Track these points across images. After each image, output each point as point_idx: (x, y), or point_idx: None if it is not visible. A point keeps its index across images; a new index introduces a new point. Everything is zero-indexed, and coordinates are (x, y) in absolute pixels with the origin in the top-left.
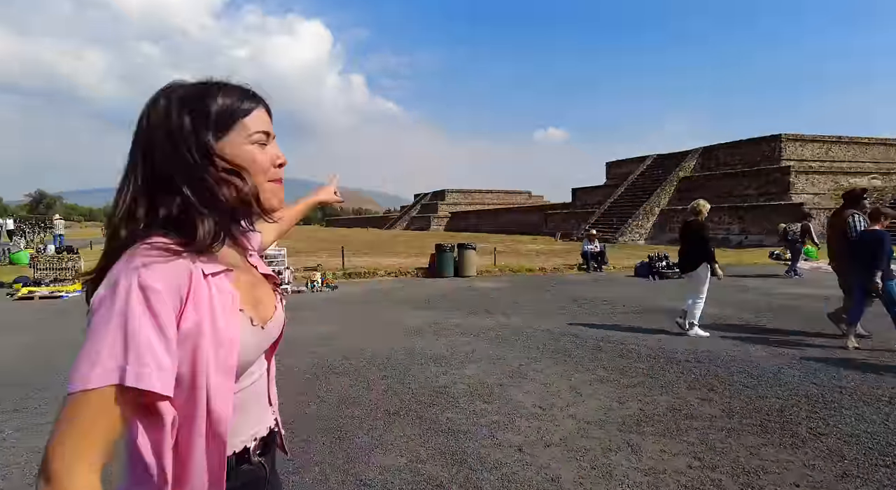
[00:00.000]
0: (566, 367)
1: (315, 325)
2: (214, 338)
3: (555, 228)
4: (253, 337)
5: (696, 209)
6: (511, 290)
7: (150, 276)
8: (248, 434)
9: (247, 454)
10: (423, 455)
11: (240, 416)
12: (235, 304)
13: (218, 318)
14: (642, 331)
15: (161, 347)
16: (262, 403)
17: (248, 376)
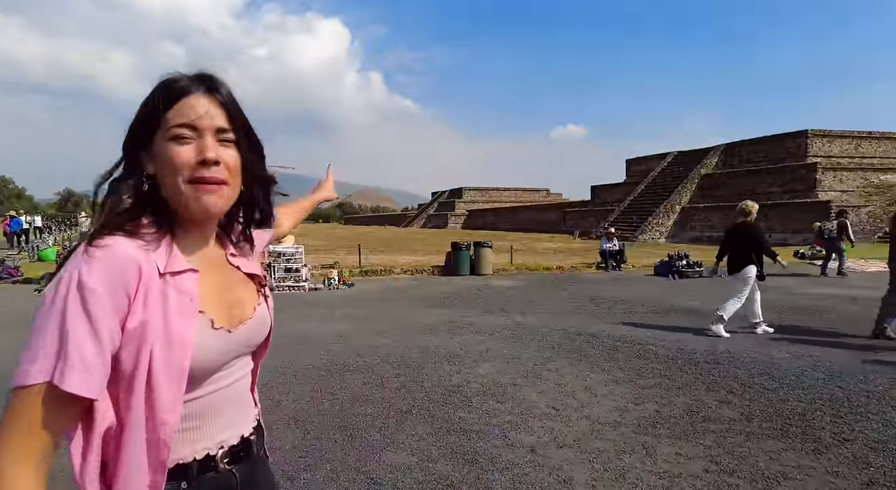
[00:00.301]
0: (582, 367)
1: (330, 322)
2: (165, 339)
3: (573, 227)
4: (214, 340)
5: (746, 210)
6: (527, 288)
7: (91, 275)
8: (213, 440)
9: (212, 462)
10: (434, 454)
11: (204, 421)
12: (194, 305)
13: (171, 318)
14: (661, 331)
15: (91, 349)
16: (235, 409)
17: (217, 380)
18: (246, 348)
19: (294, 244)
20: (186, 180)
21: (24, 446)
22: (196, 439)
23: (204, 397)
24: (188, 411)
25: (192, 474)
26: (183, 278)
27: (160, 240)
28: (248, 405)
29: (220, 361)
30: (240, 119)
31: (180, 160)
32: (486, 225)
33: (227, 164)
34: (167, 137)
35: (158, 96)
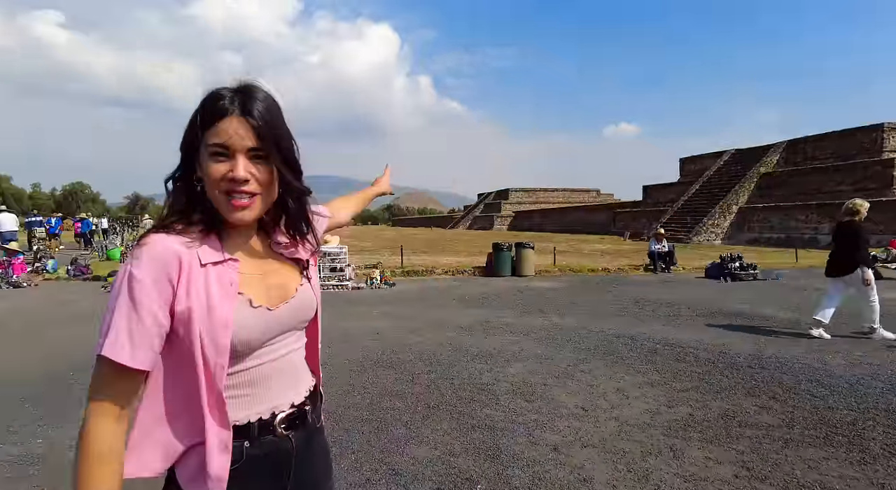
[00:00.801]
0: (616, 369)
1: (369, 320)
2: (208, 320)
3: (624, 228)
4: (254, 318)
5: (853, 209)
6: (569, 290)
7: (138, 268)
8: (265, 406)
9: (270, 426)
10: (456, 449)
11: (256, 390)
12: (233, 289)
13: (213, 301)
14: (704, 334)
15: (134, 328)
16: (287, 379)
17: (267, 353)
18: (294, 324)
19: (339, 245)
20: (221, 192)
21: (104, 402)
22: (250, 405)
23: (254, 368)
24: (241, 380)
25: (252, 434)
26: (224, 267)
27: (207, 235)
28: (301, 376)
29: (264, 337)
30: (270, 137)
31: (215, 175)
32: (533, 226)
33: (258, 179)
34: (206, 153)
35: (199, 115)
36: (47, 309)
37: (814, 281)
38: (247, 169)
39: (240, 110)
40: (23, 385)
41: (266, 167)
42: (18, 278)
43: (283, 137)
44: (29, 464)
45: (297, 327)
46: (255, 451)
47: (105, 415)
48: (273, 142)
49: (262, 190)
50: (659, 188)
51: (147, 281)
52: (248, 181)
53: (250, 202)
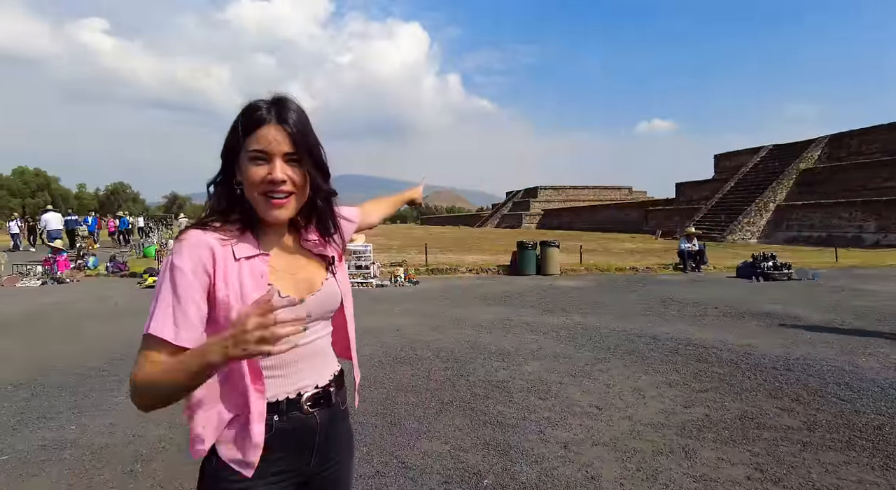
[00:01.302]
0: (635, 368)
1: (391, 317)
2: (242, 306)
3: (656, 226)
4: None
5: None
6: (594, 289)
7: (179, 258)
8: (293, 387)
9: (297, 403)
10: (466, 444)
11: (286, 371)
12: (264, 280)
13: (246, 291)
14: (730, 334)
15: (178, 311)
16: (314, 363)
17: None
18: (320, 314)
19: (364, 243)
20: (260, 193)
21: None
22: (279, 385)
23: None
24: (272, 363)
25: (282, 409)
26: (255, 261)
27: (243, 233)
28: (327, 360)
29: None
30: (303, 143)
31: (255, 178)
32: (563, 225)
33: (293, 180)
34: (247, 158)
35: (240, 123)
36: (87, 304)
37: (852, 281)
38: (283, 171)
39: (276, 119)
40: (61, 374)
41: (299, 170)
42: (62, 274)
43: (314, 143)
44: (62, 448)
45: (323, 317)
46: (283, 425)
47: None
48: (305, 147)
49: (297, 190)
50: (692, 185)
51: (186, 269)
52: (284, 182)
53: (286, 201)
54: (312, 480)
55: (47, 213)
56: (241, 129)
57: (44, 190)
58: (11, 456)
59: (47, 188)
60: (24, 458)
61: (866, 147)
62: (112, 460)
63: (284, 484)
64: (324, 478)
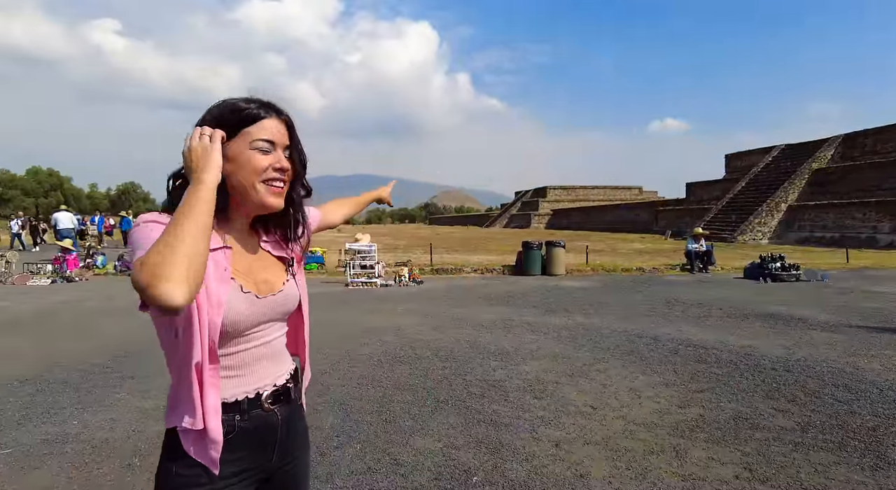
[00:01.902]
0: (633, 369)
1: (394, 317)
2: (207, 298)
3: (666, 226)
4: (243, 302)
5: None
6: (599, 289)
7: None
8: (252, 386)
9: (258, 401)
10: (459, 442)
11: (245, 371)
12: (227, 274)
13: (210, 283)
14: (732, 335)
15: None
16: (272, 363)
17: (254, 339)
18: (277, 315)
19: (370, 242)
20: (262, 181)
21: None
22: (239, 385)
23: (244, 352)
24: (232, 363)
25: (243, 409)
26: (218, 253)
27: None
28: (284, 360)
29: (250, 321)
30: (295, 140)
31: (262, 165)
32: (572, 225)
33: (289, 173)
34: (250, 147)
35: (238, 114)
36: (95, 302)
37: (862, 283)
38: (286, 162)
39: (276, 114)
40: (67, 371)
41: (292, 162)
42: (71, 273)
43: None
44: (64, 442)
45: (280, 318)
46: (245, 424)
47: None
48: (296, 143)
49: (287, 181)
50: (703, 185)
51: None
52: (286, 171)
53: (284, 189)
54: (274, 476)
55: (59, 212)
56: (239, 120)
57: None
58: (15, 449)
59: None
60: (27, 451)
61: (881, 146)
62: (112, 454)
63: (247, 482)
64: (285, 472)
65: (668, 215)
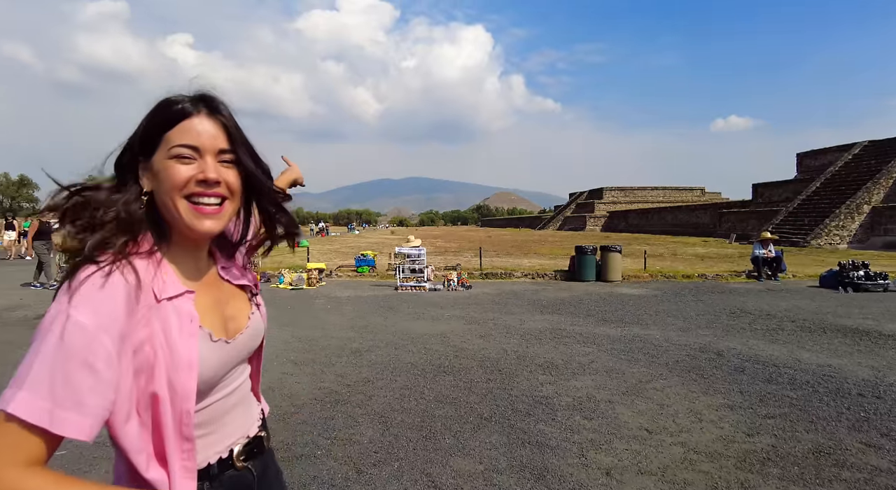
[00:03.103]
0: (694, 387)
1: (440, 323)
2: (171, 364)
3: (730, 229)
4: (214, 353)
5: None
6: (657, 298)
7: (79, 310)
8: (224, 444)
9: (230, 460)
10: (502, 465)
11: (214, 427)
12: (194, 324)
13: (174, 342)
14: (807, 352)
15: (64, 384)
16: (241, 412)
17: (222, 389)
18: (245, 354)
19: (419, 246)
20: (183, 197)
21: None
22: (208, 446)
23: (211, 406)
24: (200, 420)
25: (213, 474)
26: (181, 300)
27: (155, 261)
28: (253, 405)
29: (222, 372)
30: (240, 139)
31: (181, 178)
32: (629, 227)
33: (228, 184)
34: (168, 156)
35: (161, 115)
36: None
37: None
38: (217, 171)
39: (207, 110)
40: None
41: (235, 172)
42: None
43: (250, 141)
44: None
45: (247, 358)
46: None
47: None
48: (243, 142)
49: (231, 196)
50: (771, 186)
51: (91, 327)
52: (218, 183)
53: (218, 210)
54: None
55: None
56: (157, 122)
57: None
58: (70, 451)
59: None
60: (81, 453)
61: None
62: None
63: None
64: None
65: (733, 218)
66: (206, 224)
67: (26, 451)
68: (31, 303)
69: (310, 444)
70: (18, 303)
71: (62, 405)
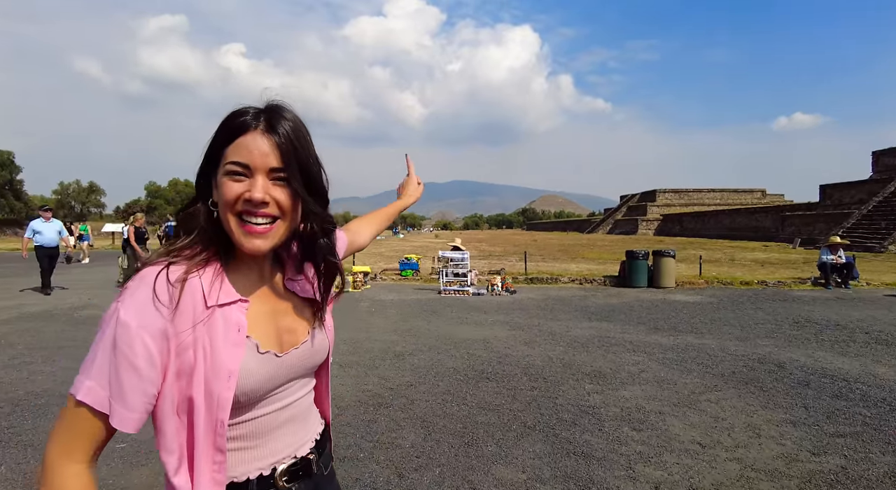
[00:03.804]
0: (752, 400)
1: (483, 328)
2: (211, 370)
3: (794, 233)
4: (260, 365)
5: None
6: (712, 305)
7: (126, 309)
8: (267, 461)
9: (271, 479)
10: (545, 475)
11: (259, 442)
12: (241, 335)
13: (217, 349)
14: (884, 367)
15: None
16: (293, 430)
17: (272, 402)
18: (302, 371)
19: (463, 249)
20: (235, 215)
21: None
22: (250, 460)
23: (256, 419)
24: (241, 433)
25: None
26: (232, 309)
27: (215, 269)
28: (308, 424)
29: (269, 385)
30: (295, 158)
31: (231, 196)
32: (685, 231)
33: (279, 203)
34: (224, 172)
35: (223, 129)
36: None
37: None
38: (266, 190)
39: (264, 126)
40: None
41: (288, 191)
42: None
43: (310, 161)
44: (118, 442)
45: (304, 374)
46: None
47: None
48: (297, 162)
49: (283, 216)
50: (842, 187)
51: (133, 326)
52: (266, 204)
53: (267, 229)
54: None
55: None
56: (220, 138)
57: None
58: (129, 445)
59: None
60: (138, 448)
61: None
62: None
63: None
64: None
65: (797, 221)
66: (254, 243)
67: (90, 435)
68: (100, 303)
69: (352, 446)
70: (87, 302)
71: (114, 397)
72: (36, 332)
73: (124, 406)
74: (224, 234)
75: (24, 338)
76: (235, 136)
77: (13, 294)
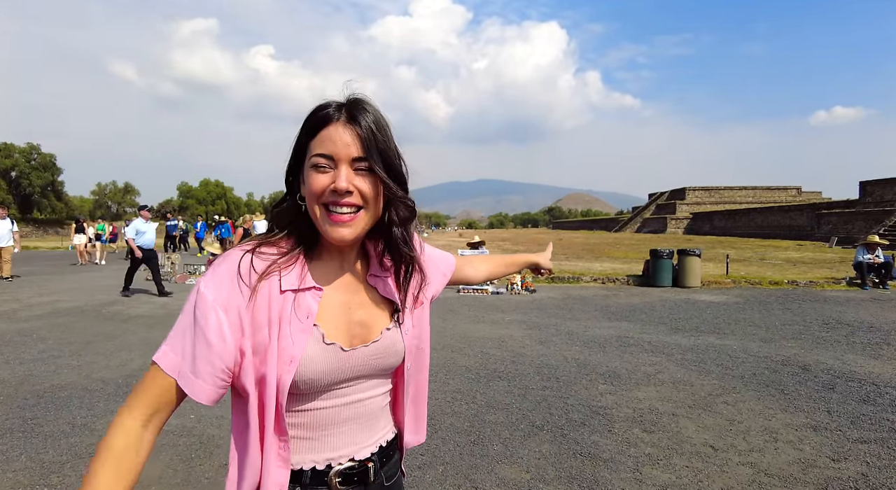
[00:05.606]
0: (770, 403)
1: (499, 327)
2: (275, 353)
3: (831, 232)
4: (323, 355)
5: None
6: (739, 306)
7: (206, 284)
8: (321, 455)
9: (325, 477)
10: (549, 475)
11: (316, 434)
12: (309, 321)
13: (284, 333)
14: None
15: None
16: (357, 430)
17: (335, 396)
18: (372, 370)
19: (483, 248)
20: (321, 206)
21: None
22: (306, 450)
23: (317, 411)
24: (302, 421)
25: (304, 481)
26: (305, 295)
27: (297, 258)
28: (375, 428)
29: (331, 377)
30: (377, 148)
31: (317, 187)
32: (715, 230)
33: (362, 192)
34: (310, 165)
35: (308, 123)
36: None
37: None
38: (349, 180)
39: (346, 118)
40: None
41: (371, 180)
42: None
43: (390, 150)
44: (179, 435)
45: (377, 374)
46: None
47: (137, 418)
48: (378, 151)
49: (366, 205)
50: (884, 183)
51: (210, 299)
52: (350, 193)
53: (352, 218)
54: None
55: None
56: (305, 131)
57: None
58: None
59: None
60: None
61: None
62: (215, 452)
63: None
64: None
65: (834, 219)
66: (339, 231)
67: (156, 396)
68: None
69: None
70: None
71: (185, 362)
72: (66, 327)
73: (193, 372)
74: (312, 228)
75: (54, 332)
76: (318, 129)
77: (49, 289)
